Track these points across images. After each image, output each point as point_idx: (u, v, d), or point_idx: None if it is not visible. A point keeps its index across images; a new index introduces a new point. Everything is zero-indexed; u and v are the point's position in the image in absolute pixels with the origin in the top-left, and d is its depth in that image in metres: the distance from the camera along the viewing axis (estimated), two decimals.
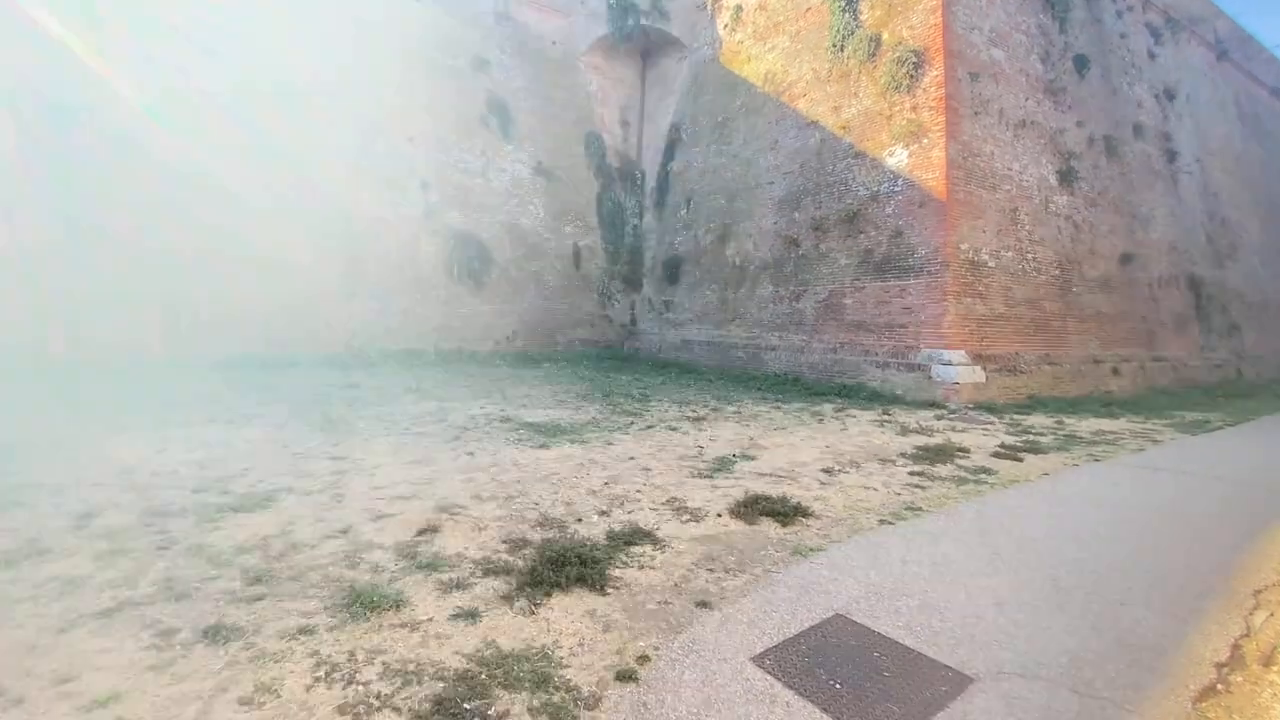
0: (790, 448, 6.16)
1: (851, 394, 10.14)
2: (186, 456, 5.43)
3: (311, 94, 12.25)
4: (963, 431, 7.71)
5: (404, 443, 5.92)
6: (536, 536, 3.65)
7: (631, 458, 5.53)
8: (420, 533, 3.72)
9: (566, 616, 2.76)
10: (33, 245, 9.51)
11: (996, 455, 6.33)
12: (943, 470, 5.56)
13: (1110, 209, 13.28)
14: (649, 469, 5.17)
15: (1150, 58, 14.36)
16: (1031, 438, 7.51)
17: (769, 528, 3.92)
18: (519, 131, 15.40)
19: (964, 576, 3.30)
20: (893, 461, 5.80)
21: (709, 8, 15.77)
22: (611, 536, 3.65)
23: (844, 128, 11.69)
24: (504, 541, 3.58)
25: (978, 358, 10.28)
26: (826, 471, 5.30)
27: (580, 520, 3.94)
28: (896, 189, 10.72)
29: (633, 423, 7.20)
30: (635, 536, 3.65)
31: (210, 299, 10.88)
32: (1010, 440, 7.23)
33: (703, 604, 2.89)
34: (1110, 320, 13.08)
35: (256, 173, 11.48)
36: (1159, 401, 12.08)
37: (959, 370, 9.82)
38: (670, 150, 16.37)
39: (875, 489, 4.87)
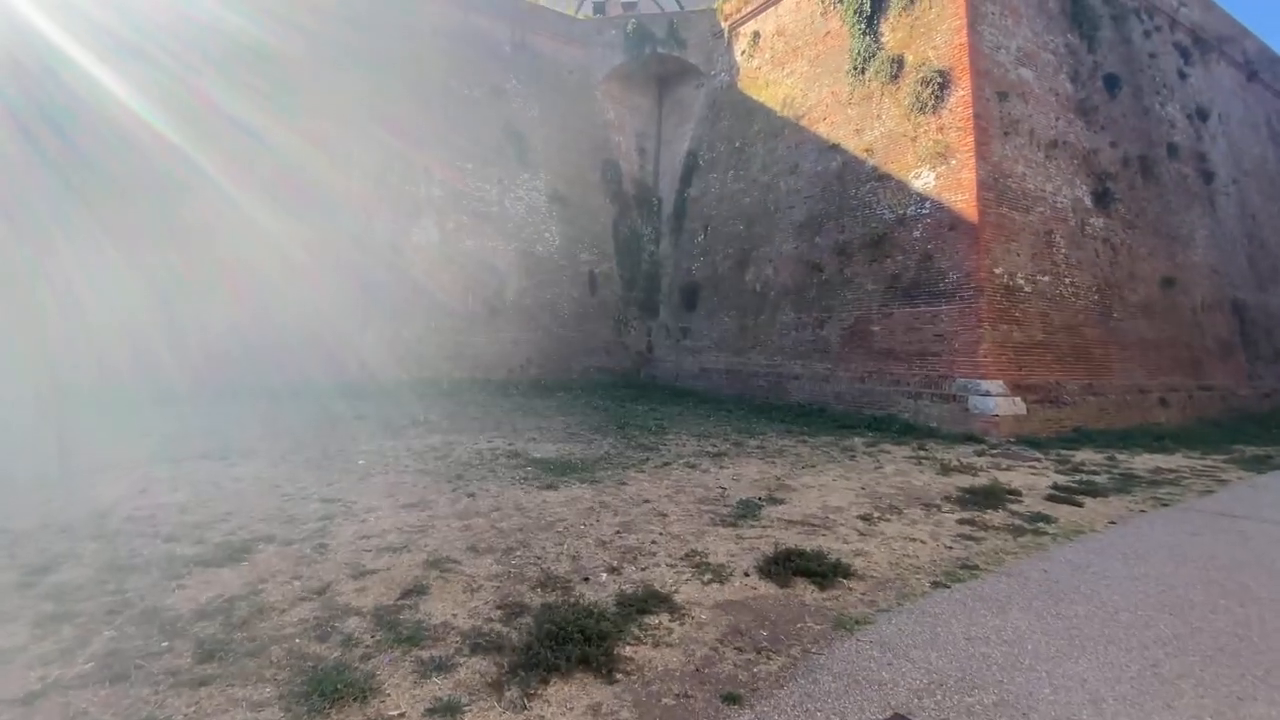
0: (821, 489, 5.62)
1: (882, 426, 9.54)
2: (168, 498, 5.07)
3: (329, 122, 12.27)
4: (1008, 470, 7.09)
5: (402, 482, 5.51)
6: (536, 600, 3.18)
7: (646, 500, 5.04)
8: (405, 594, 3.27)
9: (565, 714, 2.27)
10: (36, 269, 9.44)
11: (1052, 499, 5.72)
12: (995, 518, 4.97)
13: (1149, 231, 12.66)
14: (665, 514, 4.68)
15: (1181, 77, 13.88)
16: (1085, 477, 6.86)
17: (805, 591, 3.40)
18: (535, 159, 15.34)
19: (1044, 660, 2.75)
20: (937, 506, 5.23)
21: (726, 35, 15.73)
22: (622, 601, 3.16)
23: (867, 150, 11.34)
24: (499, 607, 3.11)
25: (1016, 388, 9.65)
26: (865, 519, 4.75)
27: (587, 579, 3.46)
28: (924, 211, 10.27)
29: (648, 459, 6.72)
30: (650, 602, 3.15)
31: (219, 327, 10.72)
32: (1063, 480, 6.60)
33: (731, 699, 2.37)
34: (1154, 347, 12.35)
35: (269, 201, 11.43)
36: (1211, 434, 11.25)
37: (998, 402, 9.19)
38: (687, 176, 16.17)
39: (922, 541, 4.31)
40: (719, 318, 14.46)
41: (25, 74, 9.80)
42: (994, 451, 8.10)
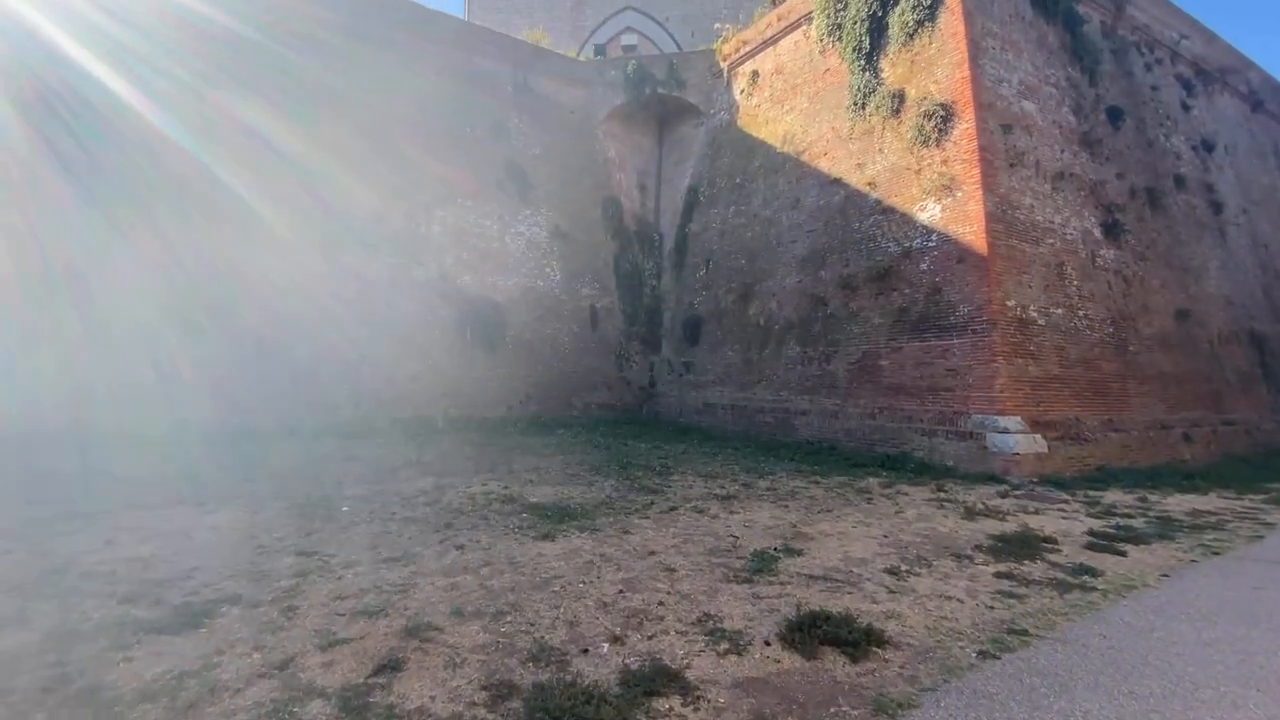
0: (841, 537, 5.18)
1: (896, 466, 9.10)
2: (134, 551, 4.67)
3: (330, 160, 12.26)
4: (1036, 513, 6.64)
5: (387, 532, 5.10)
6: (527, 679, 2.76)
7: (652, 552, 4.62)
8: (378, 670, 2.86)
9: None
10: (21, 311, 9.23)
11: (1091, 547, 5.27)
12: (1034, 570, 4.53)
13: (1160, 263, 12.44)
14: (673, 569, 4.25)
15: (1184, 109, 13.92)
16: (1120, 521, 6.40)
17: (835, 664, 2.97)
18: (536, 196, 15.33)
19: None
20: (969, 557, 4.79)
21: (725, 75, 15.92)
22: (626, 680, 2.74)
23: (869, 184, 11.24)
24: (484, 687, 2.70)
25: (1035, 424, 9.24)
26: (892, 573, 4.31)
27: (586, 651, 3.04)
28: (930, 244, 10.07)
29: (652, 502, 6.29)
30: (658, 680, 2.73)
31: (208, 367, 10.43)
32: (1098, 525, 6.14)
33: None
34: (1173, 381, 11.96)
35: (265, 241, 11.32)
36: (1241, 471, 10.76)
37: (1017, 439, 8.78)
38: (688, 212, 16.14)
39: (959, 599, 3.88)
40: (722, 352, 14.16)
41: (54, 95, 9.81)
42: (1018, 493, 7.65)
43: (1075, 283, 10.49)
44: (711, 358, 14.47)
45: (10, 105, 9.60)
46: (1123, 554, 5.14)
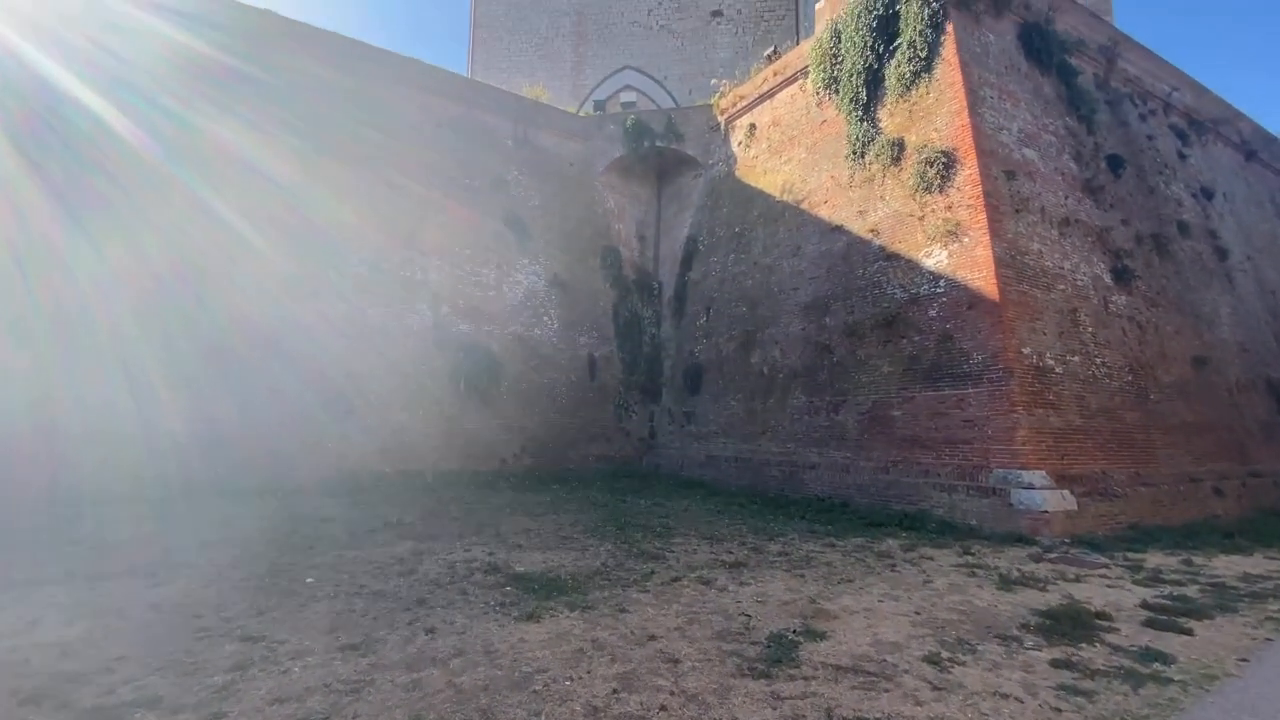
0: (868, 615, 4.56)
1: (916, 525, 8.46)
2: (58, 634, 4.07)
3: (326, 207, 12.15)
4: (1078, 581, 6.00)
5: (351, 610, 4.49)
6: None
7: (652, 637, 4.00)
8: None
9: None
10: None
11: (1152, 624, 4.64)
12: (1095, 656, 3.91)
13: (1172, 309, 12.13)
14: (677, 659, 3.64)
15: (1181, 158, 13.96)
16: (1172, 589, 5.76)
17: None
18: (535, 245, 15.21)
19: None
20: (1016, 639, 4.17)
21: (722, 128, 16.12)
22: None
23: (872, 231, 11.05)
24: None
25: (1061, 479, 8.66)
26: (932, 662, 3.70)
27: None
28: (938, 290, 9.76)
29: (653, 571, 5.67)
30: None
31: (185, 419, 9.93)
32: (1148, 594, 5.51)
33: None
34: (1196, 431, 11.43)
35: (253, 287, 11.04)
36: (1278, 528, 10.11)
37: (1044, 496, 8.18)
38: (688, 261, 16.00)
39: (1017, 698, 3.26)
40: (725, 402, 13.67)
41: (55, 129, 9.70)
42: (1051, 556, 7.01)
43: (1090, 329, 10.13)
44: (714, 408, 13.96)
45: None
46: (1188, 632, 4.52)
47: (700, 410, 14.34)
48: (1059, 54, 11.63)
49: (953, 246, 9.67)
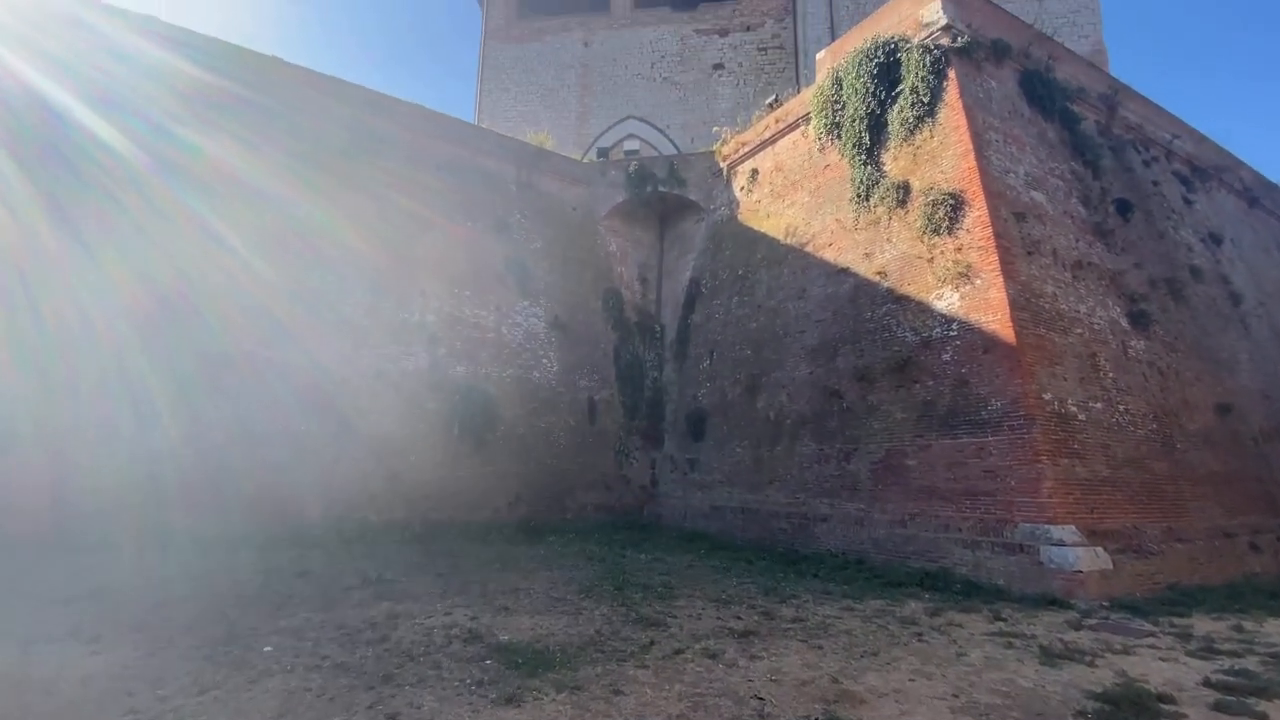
0: (899, 699, 3.97)
1: (939, 585, 7.83)
2: None
3: (324, 248, 11.99)
4: (1126, 653, 5.38)
5: (306, 687, 3.92)
6: None
7: None
8: None
9: None
10: None
11: (1220, 707, 4.05)
12: None
13: (1191, 354, 11.73)
14: None
15: (1186, 204, 13.87)
16: (1231, 662, 5.14)
17: None
18: (536, 287, 15.02)
19: None
20: None
21: (724, 174, 16.18)
22: None
23: (879, 273, 10.80)
24: None
25: (1092, 534, 8.07)
26: None
27: None
28: (951, 333, 9.42)
29: (652, 642, 5.07)
30: None
31: (162, 461, 9.45)
32: (1207, 669, 4.89)
33: None
34: (1225, 482, 10.84)
35: (245, 327, 10.75)
36: None
37: (1077, 554, 7.58)
38: (690, 303, 15.77)
39: None
40: (730, 448, 13.13)
41: (63, 153, 9.59)
42: (1091, 623, 6.37)
43: (1110, 375, 9.71)
44: (718, 455, 13.41)
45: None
46: (1262, 716, 3.92)
47: (704, 457, 13.79)
48: (1061, 100, 11.67)
49: (965, 288, 9.38)
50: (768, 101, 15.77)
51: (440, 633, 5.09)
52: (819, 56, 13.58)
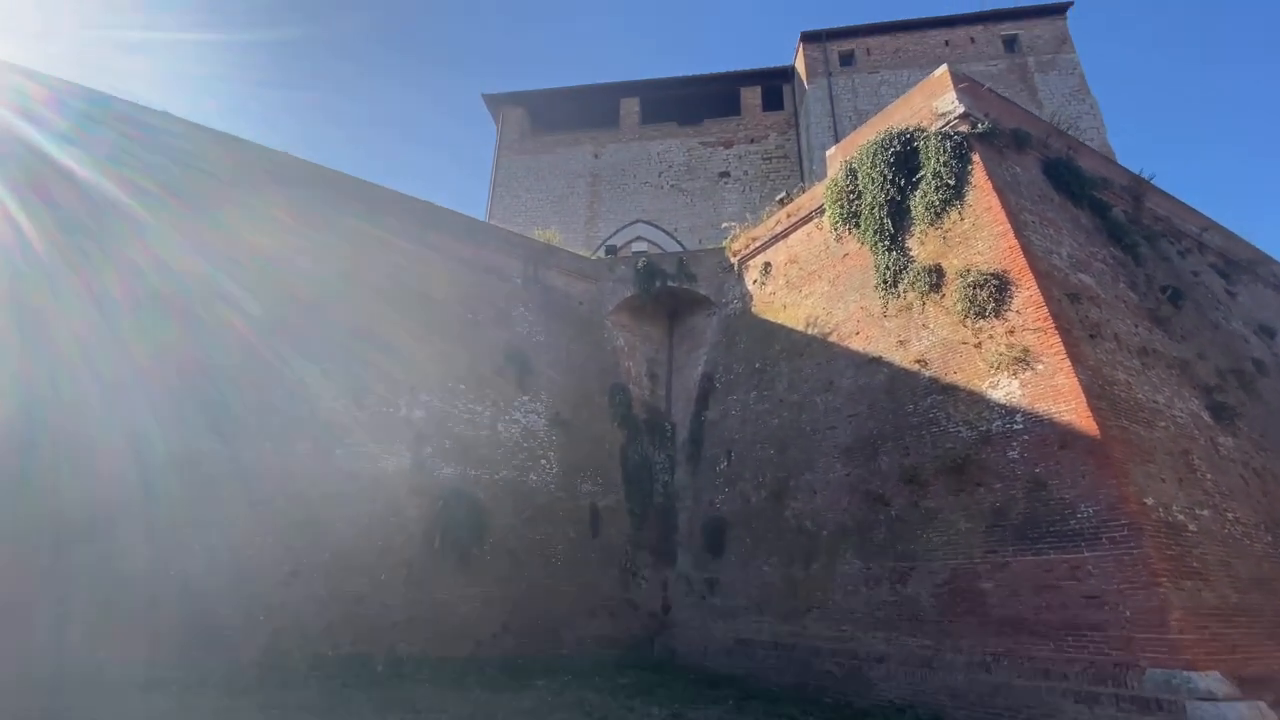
0: None
1: None
2: None
3: (308, 333, 11.05)
4: None
5: None
6: None
7: None
8: None
9: None
10: None
11: None
12: None
13: (1277, 453, 10.30)
14: None
15: (1230, 295, 13.11)
16: None
17: None
18: (537, 382, 13.94)
19: None
20: None
21: (736, 268, 15.73)
22: None
23: (919, 361, 9.72)
24: None
25: (1240, 682, 6.22)
26: None
27: None
28: (1015, 426, 8.11)
29: None
30: None
31: (80, 585, 7.78)
32: None
33: None
34: None
35: (198, 420, 9.52)
36: None
37: (1237, 711, 5.72)
38: (703, 399, 14.58)
39: None
40: (756, 566, 11.26)
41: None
42: None
43: (1209, 476, 8.25)
44: (742, 574, 11.50)
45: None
46: None
47: (725, 577, 11.85)
48: (1088, 189, 11.28)
49: (1025, 374, 8.21)
50: (778, 198, 15.66)
51: None
52: (829, 153, 13.53)
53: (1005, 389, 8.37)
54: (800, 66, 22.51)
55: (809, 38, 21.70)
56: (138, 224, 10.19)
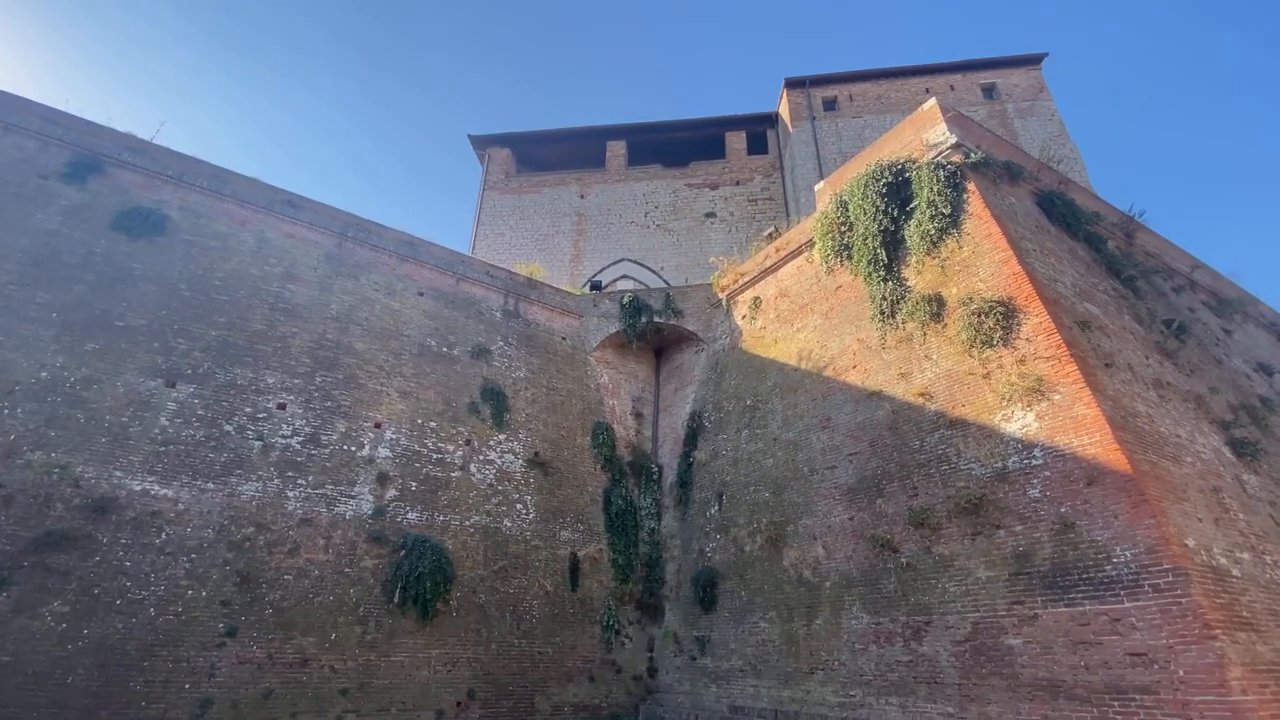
0: None
1: None
2: None
3: (264, 369, 10.18)
4: None
5: None
6: None
7: None
8: None
9: None
10: None
11: None
12: None
13: None
14: None
15: (1226, 333, 12.89)
16: None
17: None
18: (515, 420, 13.07)
19: None
20: None
21: (724, 304, 15.28)
22: None
23: (923, 394, 9.13)
24: None
25: None
26: None
27: None
28: (1035, 462, 7.46)
29: None
30: None
31: None
32: None
33: None
34: None
35: (135, 462, 8.50)
36: None
37: None
38: (692, 439, 13.78)
39: None
40: (751, 621, 10.24)
41: None
42: None
43: (1241, 516, 7.62)
44: (735, 631, 10.45)
45: None
46: None
47: (717, 634, 10.76)
48: (1084, 222, 11.09)
49: (1040, 405, 7.63)
50: (766, 233, 15.44)
51: None
52: (818, 187, 13.33)
53: (1020, 421, 7.77)
54: (784, 111, 22.91)
55: (793, 84, 22.16)
56: None
